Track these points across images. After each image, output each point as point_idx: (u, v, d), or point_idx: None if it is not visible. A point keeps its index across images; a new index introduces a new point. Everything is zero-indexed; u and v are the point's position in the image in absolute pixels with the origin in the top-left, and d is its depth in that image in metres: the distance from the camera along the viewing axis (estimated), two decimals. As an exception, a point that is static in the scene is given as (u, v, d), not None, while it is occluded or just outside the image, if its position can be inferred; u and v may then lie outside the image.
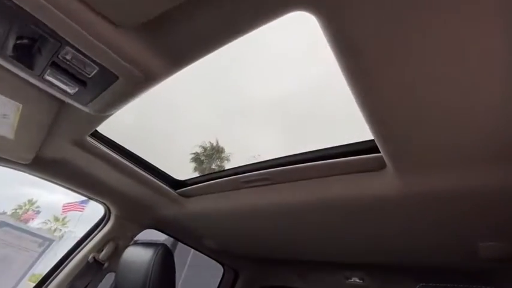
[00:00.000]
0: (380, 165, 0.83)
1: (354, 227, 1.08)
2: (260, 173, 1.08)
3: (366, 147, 0.88)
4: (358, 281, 1.88)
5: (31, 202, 27.47)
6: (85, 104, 0.71)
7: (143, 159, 1.31)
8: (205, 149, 21.70)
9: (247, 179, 1.13)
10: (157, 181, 1.34)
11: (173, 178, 1.41)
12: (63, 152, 1.12)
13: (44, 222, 27.18)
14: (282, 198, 1.08)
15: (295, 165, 0.99)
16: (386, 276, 1.62)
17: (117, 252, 1.52)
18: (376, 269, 1.60)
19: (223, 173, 1.26)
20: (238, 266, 2.24)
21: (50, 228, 27.04)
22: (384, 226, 1.02)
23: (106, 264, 1.50)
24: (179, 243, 1.98)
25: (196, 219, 1.50)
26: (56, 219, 27.35)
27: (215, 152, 21.57)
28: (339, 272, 1.80)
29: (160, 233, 1.78)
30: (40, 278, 1.41)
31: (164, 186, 1.36)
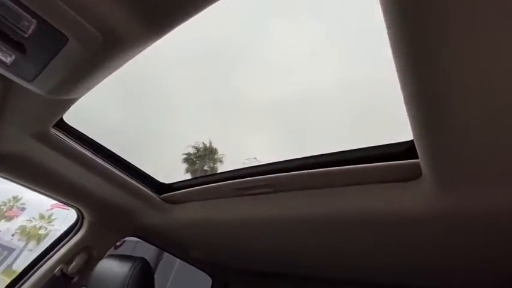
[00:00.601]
0: (413, 174, 0.66)
1: (371, 245, 0.91)
2: (260, 178, 0.91)
3: (394, 152, 0.71)
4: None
5: (16, 199, 26.66)
6: (30, 80, 0.52)
7: (121, 157, 1.11)
8: (198, 149, 21.42)
9: (244, 185, 0.95)
10: (137, 184, 1.14)
11: (157, 181, 1.22)
12: (22, 146, 0.92)
13: (28, 220, 26.38)
14: (286, 210, 0.90)
15: (303, 171, 0.81)
16: None
17: (89, 265, 1.32)
18: None
19: (215, 178, 1.08)
20: (228, 278, 2.05)
21: (35, 226, 26.27)
22: (407, 246, 0.85)
23: (76, 278, 1.29)
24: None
25: (182, 228, 1.31)
26: (42, 217, 26.58)
27: (208, 152, 21.30)
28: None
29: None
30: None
31: (146, 190, 1.17)
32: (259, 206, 0.96)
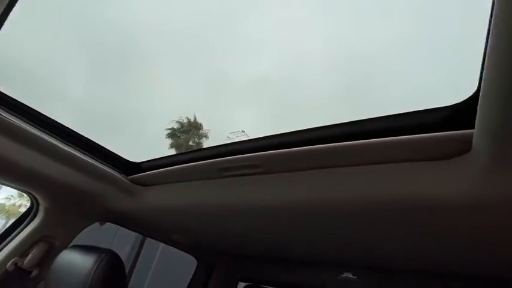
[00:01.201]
0: (458, 149, 0.50)
1: (387, 234, 0.77)
2: (248, 157, 0.73)
3: (426, 121, 0.55)
4: (351, 276, 1.66)
5: (-9, 177, 25.47)
6: None
7: (75, 132, 0.90)
8: (182, 124, 20.86)
9: (228, 164, 0.78)
10: (98, 163, 0.95)
11: (123, 160, 1.02)
12: None
13: (6, 198, 25.49)
14: (280, 195, 0.74)
15: (303, 148, 0.64)
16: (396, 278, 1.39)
17: (50, 256, 1.14)
18: (386, 273, 1.36)
19: (194, 156, 0.90)
20: (214, 260, 1.95)
21: (14, 204, 25.52)
22: (441, 235, 0.70)
23: (34, 273, 1.12)
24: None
25: (158, 212, 1.14)
26: (21, 195, 25.67)
27: (193, 128, 20.81)
28: (336, 270, 1.56)
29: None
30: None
31: (109, 170, 0.98)
32: (248, 190, 0.79)
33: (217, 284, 1.95)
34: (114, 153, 1.02)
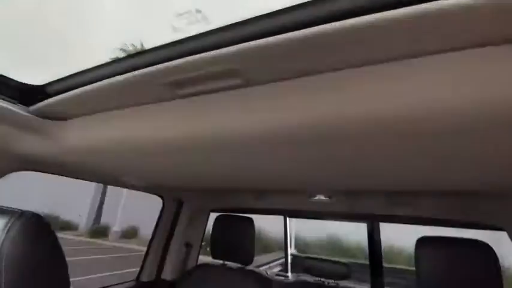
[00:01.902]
0: None
1: (387, 158, 0.61)
2: (216, 57, 0.44)
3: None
4: (323, 198, 1.65)
5: None
6: None
7: None
8: (127, 52, 18.24)
9: (184, 75, 0.49)
10: None
11: (17, 83, 0.66)
12: None
13: None
14: (264, 119, 0.49)
15: (304, 31, 0.37)
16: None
17: None
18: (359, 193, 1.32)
19: (129, 64, 0.56)
20: (181, 196, 1.79)
21: None
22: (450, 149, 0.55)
23: None
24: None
25: (89, 154, 0.83)
26: None
27: (140, 56, 18.34)
28: (309, 194, 1.51)
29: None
30: None
31: None
32: (220, 115, 0.53)
33: (188, 217, 1.84)
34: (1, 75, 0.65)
